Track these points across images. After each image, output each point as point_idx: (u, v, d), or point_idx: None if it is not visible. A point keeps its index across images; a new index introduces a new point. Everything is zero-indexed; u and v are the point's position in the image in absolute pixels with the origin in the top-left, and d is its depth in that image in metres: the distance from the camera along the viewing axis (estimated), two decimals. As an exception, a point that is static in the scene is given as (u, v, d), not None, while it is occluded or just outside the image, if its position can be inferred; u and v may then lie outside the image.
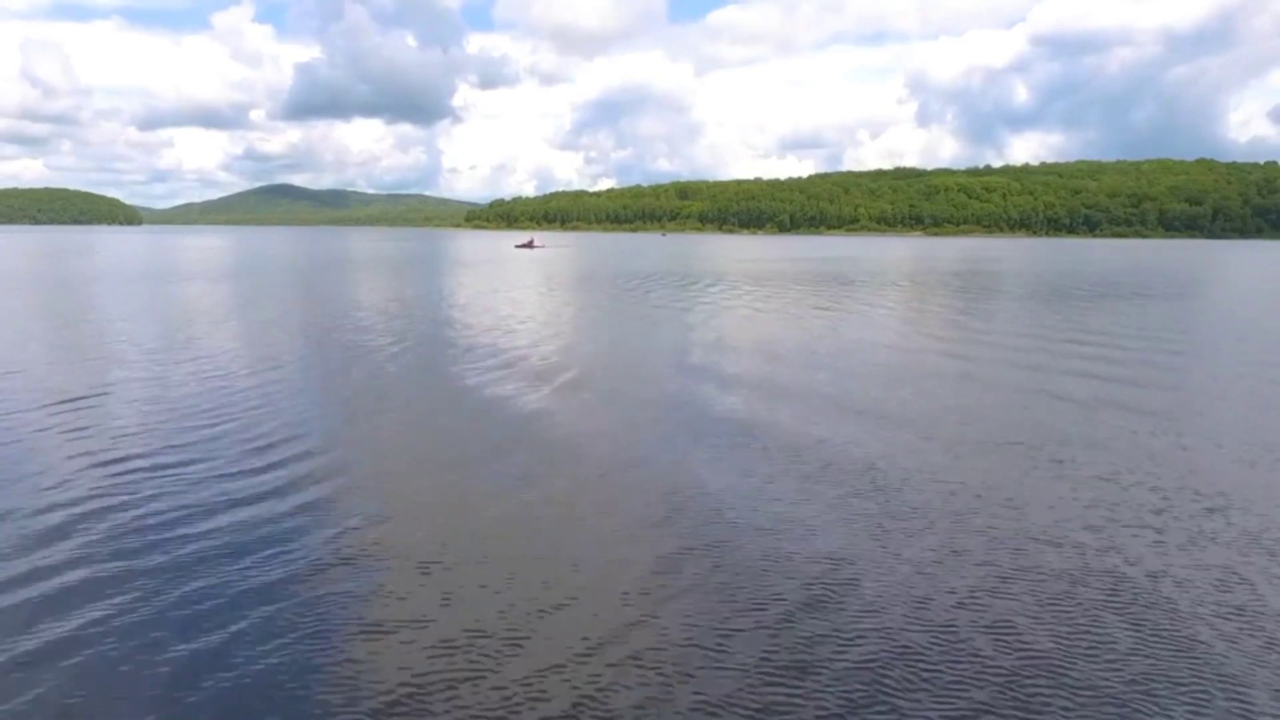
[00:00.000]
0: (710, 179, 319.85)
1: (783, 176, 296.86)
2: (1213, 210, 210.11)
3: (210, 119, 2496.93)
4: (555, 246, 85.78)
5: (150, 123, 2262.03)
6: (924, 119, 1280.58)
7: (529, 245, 78.35)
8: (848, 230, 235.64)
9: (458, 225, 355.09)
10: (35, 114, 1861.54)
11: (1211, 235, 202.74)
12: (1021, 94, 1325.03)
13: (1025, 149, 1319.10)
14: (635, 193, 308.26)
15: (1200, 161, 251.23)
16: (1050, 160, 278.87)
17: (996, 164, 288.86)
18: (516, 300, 24.88)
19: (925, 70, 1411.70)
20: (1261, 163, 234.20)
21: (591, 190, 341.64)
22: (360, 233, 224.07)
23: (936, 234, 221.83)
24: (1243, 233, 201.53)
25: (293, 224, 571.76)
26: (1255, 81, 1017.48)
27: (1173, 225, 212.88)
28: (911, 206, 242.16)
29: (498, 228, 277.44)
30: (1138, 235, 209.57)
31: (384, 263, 52.63)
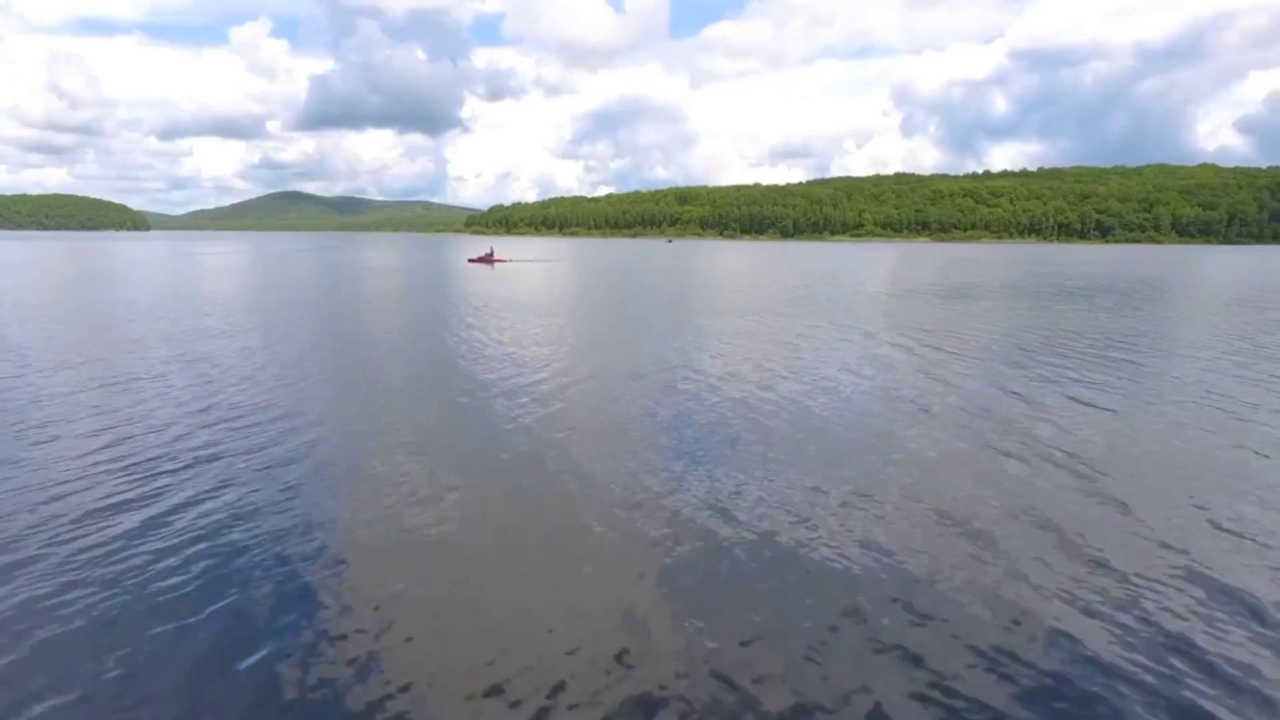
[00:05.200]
0: (706, 186, 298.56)
1: (776, 184, 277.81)
2: (1228, 215, 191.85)
3: (228, 129, 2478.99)
4: (528, 260, 58.51)
5: (170, 133, 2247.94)
6: (908, 129, 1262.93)
7: (487, 259, 53.44)
8: (852, 236, 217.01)
9: (458, 231, 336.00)
10: (60, 124, 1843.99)
11: (1227, 240, 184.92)
12: (1001, 105, 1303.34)
13: (1005, 157, 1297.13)
14: (635, 198, 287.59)
15: (1204, 166, 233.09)
16: (1029, 168, 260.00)
17: (978, 171, 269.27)
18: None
19: (909, 83, 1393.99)
20: (1265, 166, 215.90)
21: (591, 196, 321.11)
22: (359, 239, 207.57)
23: (944, 239, 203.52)
24: (1259, 238, 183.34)
25: (304, 229, 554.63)
26: (1223, 94, 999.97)
27: (1186, 230, 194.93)
28: (917, 211, 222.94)
29: (496, 233, 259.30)
30: (1151, 240, 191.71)
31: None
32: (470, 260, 55.51)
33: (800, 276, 44.58)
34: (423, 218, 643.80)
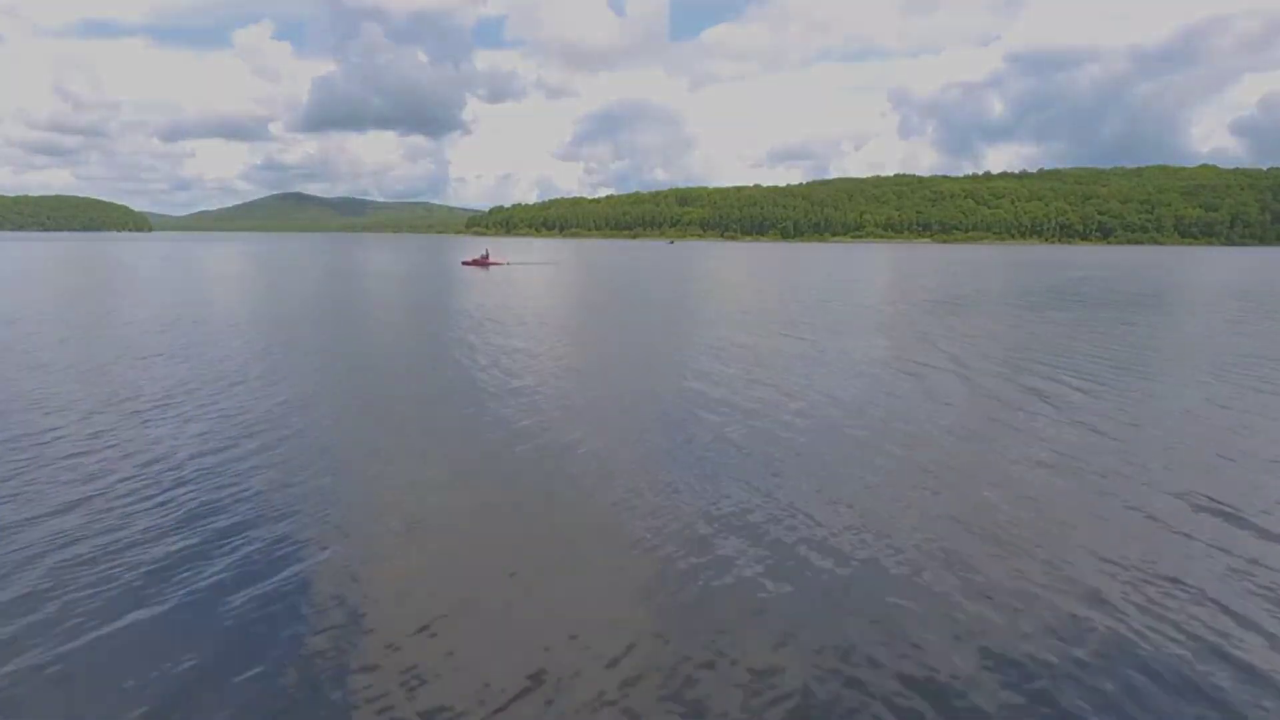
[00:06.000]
0: (706, 187, 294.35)
1: (775, 185, 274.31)
2: (1230, 216, 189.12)
3: (231, 131, 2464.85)
4: (525, 263, 55.50)
5: (174, 135, 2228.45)
6: (905, 132, 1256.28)
7: (481, 262, 49.84)
8: (853, 237, 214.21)
9: (459, 232, 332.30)
10: (65, 126, 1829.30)
11: (1230, 242, 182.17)
12: (997, 108, 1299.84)
13: (1002, 159, 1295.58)
14: (635, 199, 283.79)
15: (1205, 167, 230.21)
16: (1026, 169, 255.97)
17: (976, 173, 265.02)
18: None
19: (906, 85, 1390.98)
20: (1265, 168, 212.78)
21: (591, 197, 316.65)
22: (360, 240, 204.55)
23: (946, 241, 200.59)
24: (1262, 239, 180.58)
25: (307, 230, 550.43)
26: (1216, 96, 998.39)
27: (1188, 231, 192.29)
28: (918, 213, 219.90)
29: (497, 234, 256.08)
30: (1153, 241, 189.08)
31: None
32: (464, 263, 51.70)
33: (811, 280, 41.67)
34: (424, 219, 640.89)
